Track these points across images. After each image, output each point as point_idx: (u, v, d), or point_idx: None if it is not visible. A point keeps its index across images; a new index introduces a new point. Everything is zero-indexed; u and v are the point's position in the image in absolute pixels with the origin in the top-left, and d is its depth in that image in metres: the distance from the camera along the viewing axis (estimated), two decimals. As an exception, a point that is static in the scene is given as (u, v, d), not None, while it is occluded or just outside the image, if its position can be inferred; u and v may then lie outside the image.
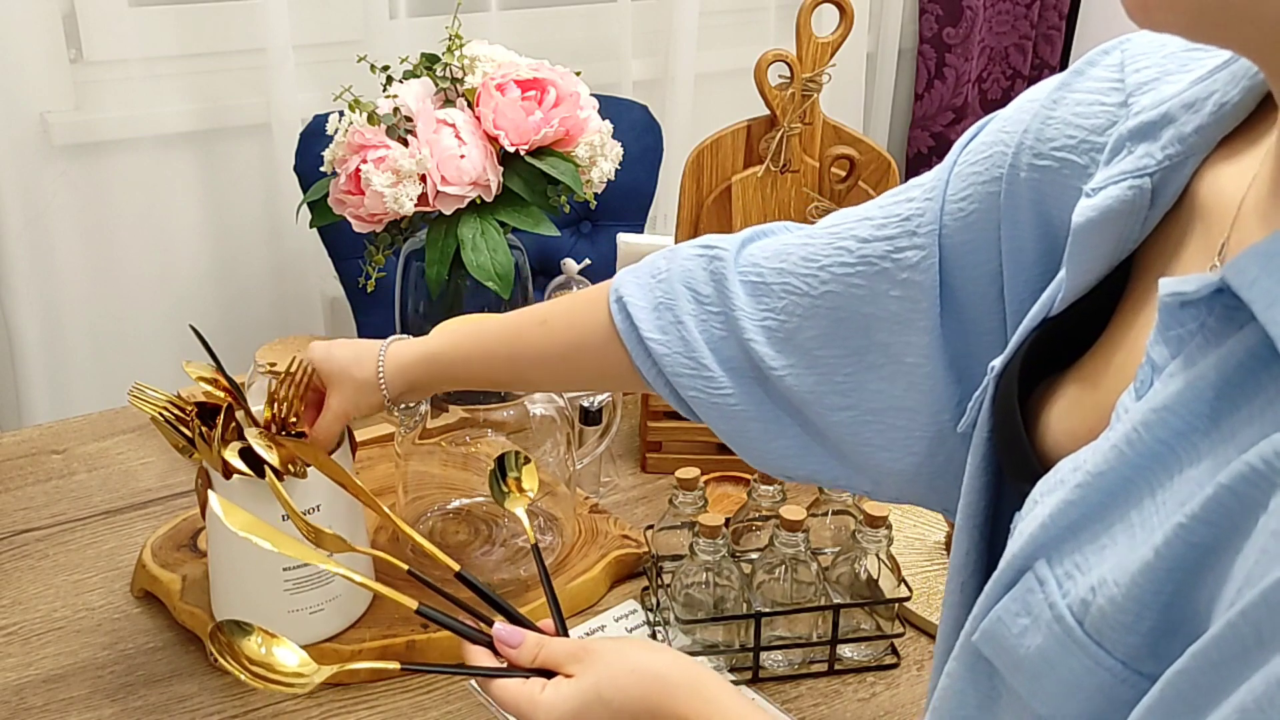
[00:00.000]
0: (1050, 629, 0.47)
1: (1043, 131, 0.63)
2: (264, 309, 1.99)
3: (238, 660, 0.71)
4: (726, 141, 1.17)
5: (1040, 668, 0.48)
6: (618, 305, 0.79)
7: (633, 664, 0.68)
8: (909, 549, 1.12)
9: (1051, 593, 0.48)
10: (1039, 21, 2.65)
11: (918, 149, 2.64)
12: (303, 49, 1.81)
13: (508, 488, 0.90)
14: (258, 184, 1.90)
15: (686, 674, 0.68)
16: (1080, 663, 0.46)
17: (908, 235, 0.70)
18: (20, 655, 0.97)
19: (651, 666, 0.68)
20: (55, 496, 1.18)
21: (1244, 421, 0.42)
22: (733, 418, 0.77)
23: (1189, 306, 0.45)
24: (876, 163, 1.17)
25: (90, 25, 1.73)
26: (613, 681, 0.67)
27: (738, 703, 0.67)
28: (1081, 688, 0.46)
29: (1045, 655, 0.48)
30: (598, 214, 1.78)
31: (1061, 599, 0.47)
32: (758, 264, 0.76)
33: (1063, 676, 0.47)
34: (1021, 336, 0.60)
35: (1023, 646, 0.49)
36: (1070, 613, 0.47)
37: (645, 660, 0.68)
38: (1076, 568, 0.47)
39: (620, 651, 0.69)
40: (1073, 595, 0.47)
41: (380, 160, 1.15)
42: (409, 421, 1.04)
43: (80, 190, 1.78)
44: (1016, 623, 0.49)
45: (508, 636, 0.72)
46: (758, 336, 0.75)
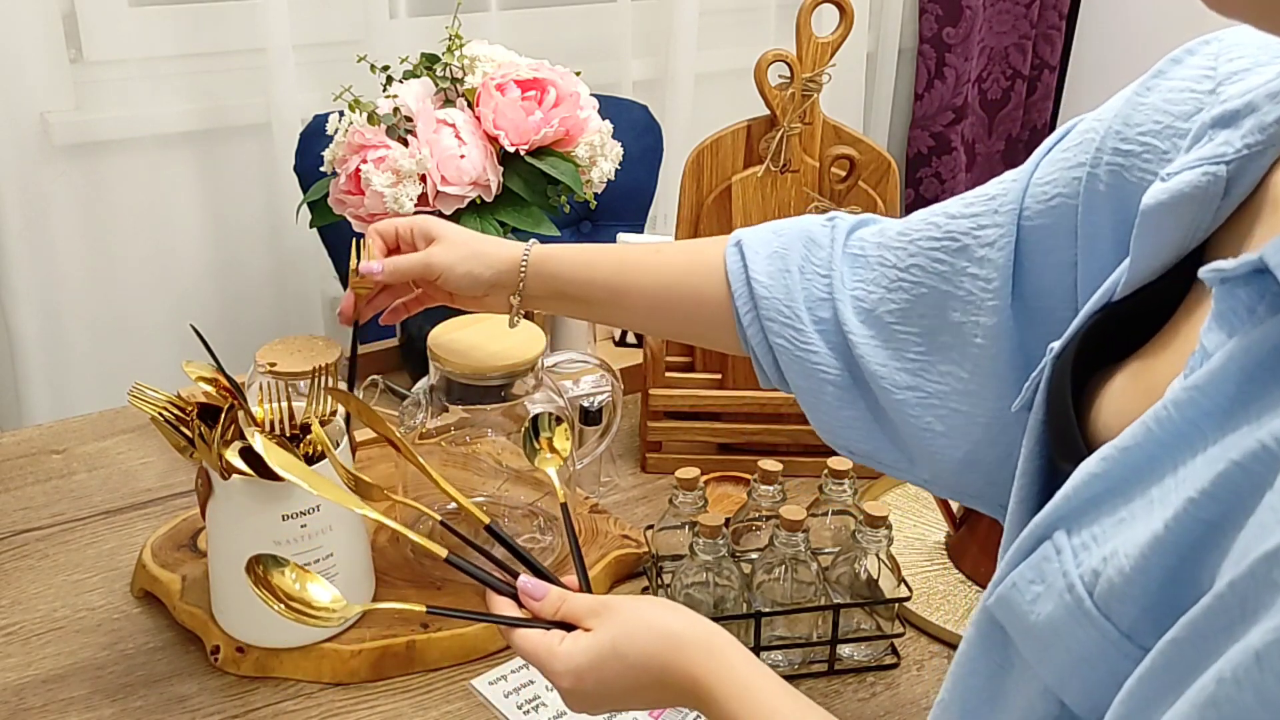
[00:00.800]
0: (1061, 598, 0.48)
1: (1131, 117, 0.63)
2: (264, 309, 1.99)
3: (272, 593, 0.74)
4: (726, 141, 1.17)
5: (1049, 636, 0.48)
6: (734, 246, 0.85)
7: (649, 621, 0.70)
8: (909, 549, 1.12)
9: (1066, 562, 0.48)
10: (1039, 21, 2.65)
11: (918, 149, 2.64)
12: (303, 49, 1.81)
13: (539, 446, 0.92)
14: (258, 184, 1.90)
15: (700, 633, 0.69)
16: (1087, 633, 0.47)
17: (990, 214, 0.72)
18: (20, 655, 0.97)
19: (666, 624, 0.70)
20: (55, 496, 1.18)
21: (1270, 405, 0.42)
22: (811, 375, 0.80)
23: (1231, 286, 0.45)
24: (876, 163, 1.17)
25: (90, 25, 1.73)
26: (628, 637, 0.70)
27: (748, 664, 0.68)
28: (1087, 659, 0.47)
29: (1054, 624, 0.48)
30: (598, 214, 1.78)
31: (1075, 568, 0.48)
32: (863, 239, 0.80)
33: (1070, 646, 0.47)
34: (1083, 320, 0.60)
35: (1034, 614, 0.49)
36: (1081, 582, 0.47)
37: (661, 618, 0.70)
38: (1094, 539, 0.48)
39: (638, 609, 0.71)
40: (1085, 565, 0.47)
41: (380, 160, 1.15)
42: (409, 421, 1.04)
43: (80, 190, 1.78)
44: (1030, 590, 0.50)
45: (532, 589, 0.75)
46: (847, 305, 0.78)
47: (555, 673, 0.71)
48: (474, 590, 1.01)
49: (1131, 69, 2.48)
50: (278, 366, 1.20)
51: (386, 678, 0.96)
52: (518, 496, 1.10)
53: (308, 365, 1.19)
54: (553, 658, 0.71)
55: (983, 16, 2.56)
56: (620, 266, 0.89)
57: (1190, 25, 2.63)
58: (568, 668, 0.70)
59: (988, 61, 2.64)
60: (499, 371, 0.98)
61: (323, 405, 0.94)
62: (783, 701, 0.67)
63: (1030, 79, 2.71)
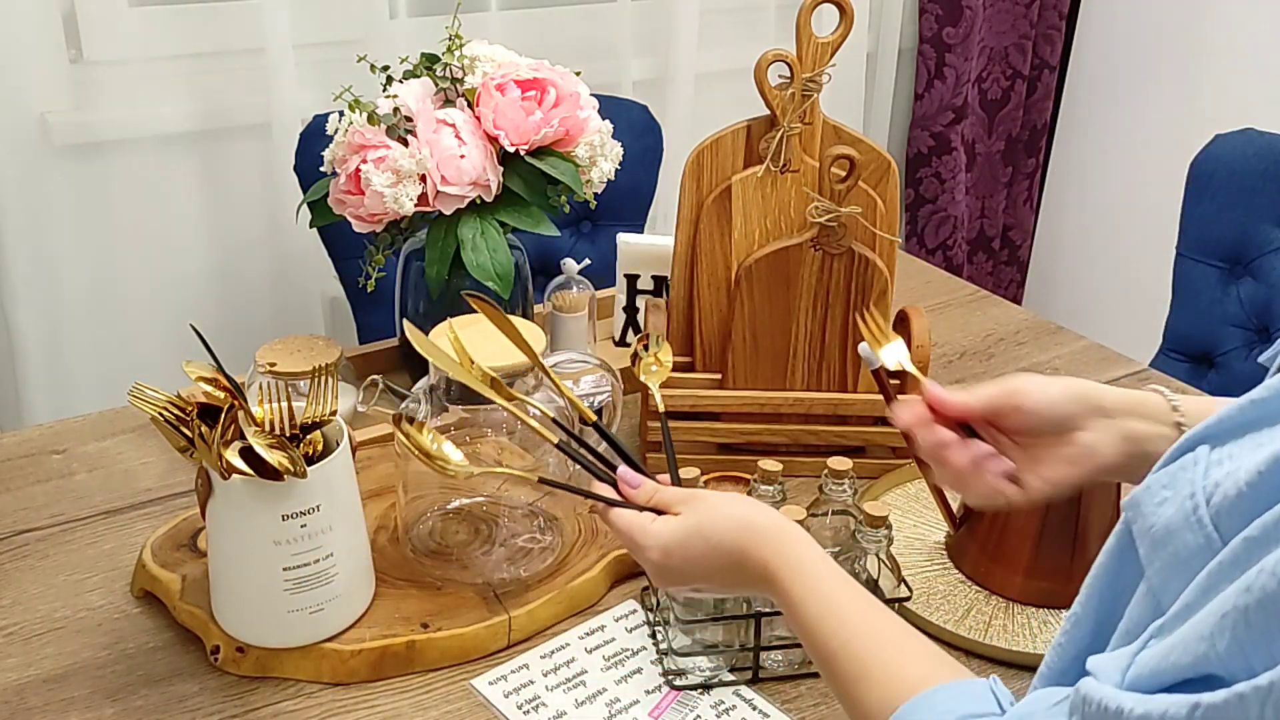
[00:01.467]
0: (1183, 504, 0.50)
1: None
2: (264, 309, 1.99)
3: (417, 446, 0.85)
4: (726, 141, 1.17)
5: (1164, 539, 0.51)
6: None
7: (731, 510, 0.78)
8: (909, 549, 1.12)
9: (1198, 473, 0.51)
10: (1039, 21, 2.65)
11: (918, 149, 2.64)
12: (303, 49, 1.81)
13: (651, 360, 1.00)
14: (258, 184, 1.90)
15: (776, 527, 0.76)
16: (1194, 539, 0.49)
17: None
18: (20, 655, 0.97)
19: (747, 514, 0.77)
20: (55, 496, 1.18)
21: None
22: None
23: None
24: (876, 163, 1.17)
25: (90, 25, 1.73)
26: (712, 522, 0.77)
27: (815, 556, 0.74)
28: (1189, 566, 0.49)
29: (1170, 528, 0.51)
30: (598, 214, 1.78)
31: (1203, 478, 0.50)
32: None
33: (1177, 549, 0.50)
34: None
35: (1156, 515, 0.52)
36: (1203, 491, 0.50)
37: (742, 509, 0.78)
38: (1229, 456, 0.50)
39: (723, 500, 0.79)
40: (1212, 478, 0.50)
41: (380, 160, 1.15)
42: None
43: (80, 190, 1.78)
44: (1161, 493, 0.52)
45: (630, 478, 0.84)
46: None
47: (645, 547, 0.79)
48: (473, 590, 1.01)
49: (1131, 69, 2.49)
50: (278, 366, 1.20)
51: (386, 678, 0.96)
52: (518, 496, 1.10)
53: (308, 365, 1.19)
54: (645, 534, 0.79)
55: (983, 16, 2.56)
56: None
57: (1190, 25, 2.64)
58: (658, 543, 0.78)
59: (988, 61, 2.64)
60: (499, 371, 0.98)
61: (323, 405, 0.94)
62: (841, 590, 0.72)
63: (1030, 79, 2.71)
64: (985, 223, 2.83)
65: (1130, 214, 2.60)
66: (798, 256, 1.16)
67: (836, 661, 0.69)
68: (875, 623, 0.70)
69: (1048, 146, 2.79)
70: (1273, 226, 1.61)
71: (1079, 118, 2.69)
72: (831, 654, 0.69)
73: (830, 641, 0.70)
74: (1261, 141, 1.62)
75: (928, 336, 1.21)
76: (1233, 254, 1.65)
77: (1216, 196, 1.64)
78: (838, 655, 0.69)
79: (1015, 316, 1.63)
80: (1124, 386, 1.42)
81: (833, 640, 0.70)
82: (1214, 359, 1.67)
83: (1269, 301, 1.61)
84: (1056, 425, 0.79)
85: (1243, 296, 1.64)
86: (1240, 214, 1.62)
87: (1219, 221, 1.64)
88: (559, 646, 1.00)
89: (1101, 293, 2.70)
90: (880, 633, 0.69)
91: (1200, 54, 2.40)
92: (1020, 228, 2.86)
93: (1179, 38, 2.43)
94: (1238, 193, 1.62)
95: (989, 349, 1.54)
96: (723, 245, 1.19)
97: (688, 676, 0.97)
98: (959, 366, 1.49)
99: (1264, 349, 0.63)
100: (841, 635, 0.70)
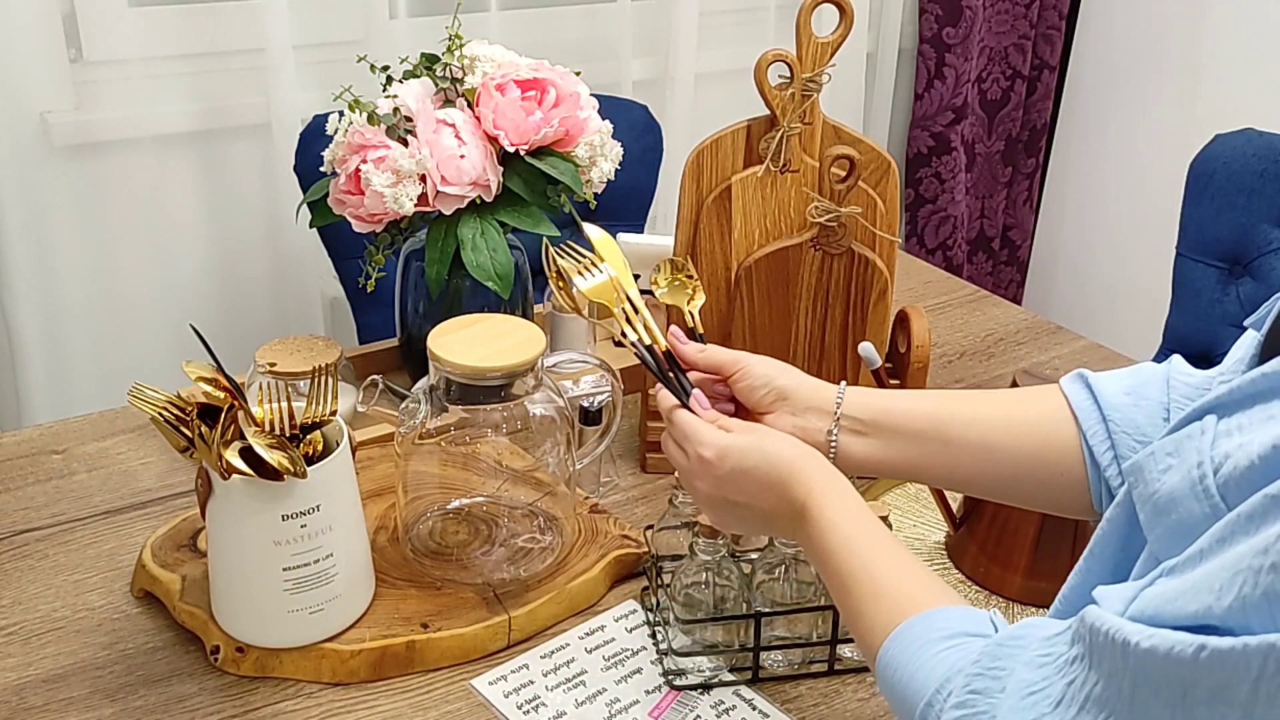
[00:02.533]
0: (1188, 474, 0.51)
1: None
2: (264, 309, 1.99)
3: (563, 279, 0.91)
4: (726, 141, 1.17)
5: (1166, 506, 0.52)
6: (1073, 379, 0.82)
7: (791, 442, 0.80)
8: (909, 549, 1.12)
9: (1205, 442, 0.52)
10: (1039, 21, 2.65)
11: (918, 149, 2.64)
12: (303, 49, 1.81)
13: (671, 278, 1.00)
14: (258, 184, 1.90)
15: (826, 469, 0.79)
16: (1199, 508, 0.50)
17: None
18: (20, 655, 0.97)
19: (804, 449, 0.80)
20: (55, 496, 1.18)
21: None
22: None
23: None
24: (876, 163, 1.17)
25: (90, 25, 1.73)
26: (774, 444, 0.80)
27: (856, 499, 0.76)
28: (1194, 533, 0.50)
29: (1174, 496, 0.52)
30: (598, 214, 1.77)
31: (1210, 449, 0.51)
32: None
33: (1181, 517, 0.51)
34: None
35: (1160, 482, 0.53)
36: (1211, 461, 0.50)
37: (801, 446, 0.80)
38: (1239, 428, 0.51)
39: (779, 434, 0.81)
40: (1220, 449, 0.51)
41: (380, 160, 1.15)
42: (409, 421, 1.04)
43: (80, 190, 1.78)
44: (1165, 460, 0.54)
45: (702, 400, 0.86)
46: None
47: (704, 443, 0.81)
48: (472, 591, 1.01)
49: (1131, 69, 2.49)
50: (278, 366, 1.20)
51: (386, 678, 0.96)
52: (518, 496, 1.10)
53: (308, 365, 1.19)
54: (706, 431, 0.81)
55: (983, 16, 2.56)
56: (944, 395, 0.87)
57: (1190, 25, 2.64)
58: (717, 443, 0.80)
59: (988, 61, 2.64)
60: (499, 371, 0.98)
61: (323, 405, 0.94)
62: (873, 527, 0.74)
63: (1030, 79, 2.71)
64: (985, 223, 2.83)
65: (1130, 214, 2.60)
66: (798, 256, 1.16)
67: (854, 580, 0.72)
68: (899, 556, 0.73)
69: (1048, 146, 2.79)
70: (1272, 226, 1.61)
71: (1079, 118, 2.69)
72: (851, 573, 0.72)
73: (852, 561, 0.73)
74: (1261, 141, 1.62)
75: (928, 336, 1.21)
76: (1232, 254, 1.65)
77: (1216, 196, 1.64)
78: (856, 575, 0.72)
79: (1015, 316, 1.63)
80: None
81: (854, 561, 0.73)
82: (1214, 359, 1.66)
83: (1269, 301, 1.61)
84: (753, 405, 0.88)
85: (1242, 296, 1.64)
86: (1240, 214, 1.62)
87: (1219, 221, 1.64)
88: (559, 646, 1.00)
89: (1101, 293, 2.70)
90: (902, 564, 0.72)
91: (1200, 54, 2.40)
92: (1020, 228, 2.86)
93: (1179, 38, 2.43)
94: (1237, 193, 1.62)
95: (989, 349, 1.54)
96: (723, 245, 1.19)
97: (688, 676, 0.97)
98: (959, 366, 1.49)
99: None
100: (864, 557, 0.73)
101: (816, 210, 1.14)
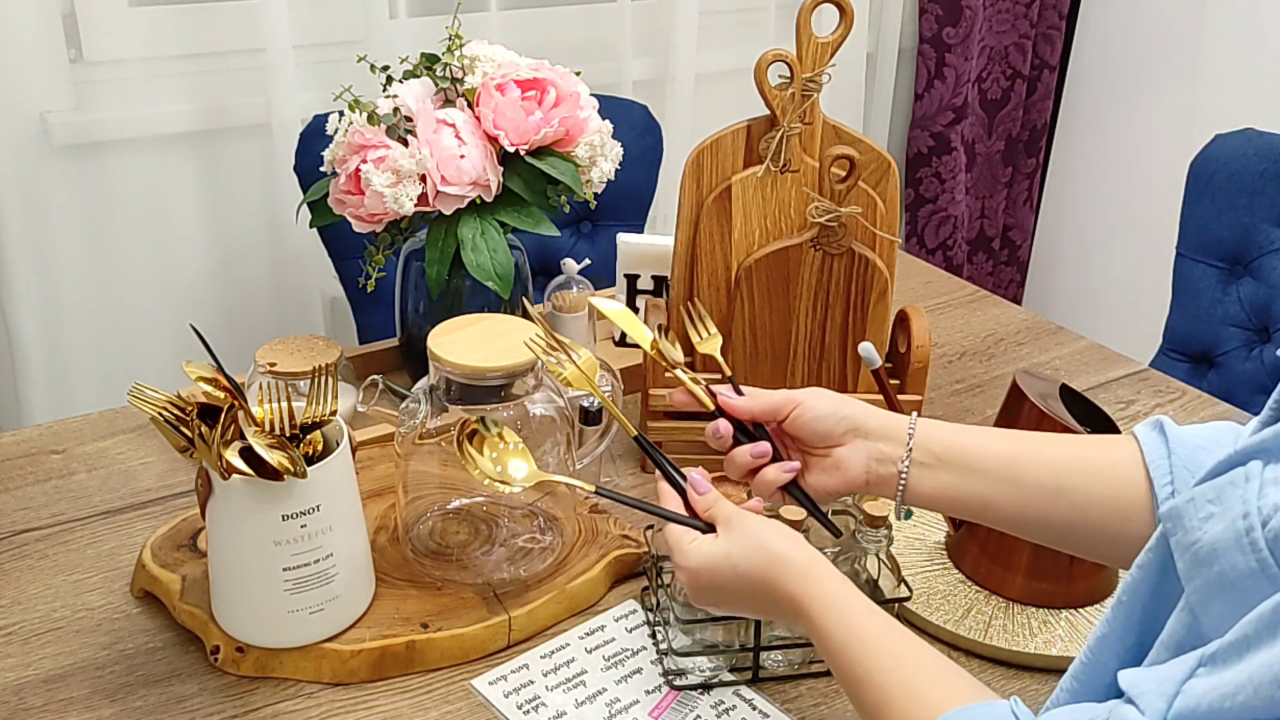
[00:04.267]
0: (1233, 524, 0.48)
1: None
2: (264, 309, 1.99)
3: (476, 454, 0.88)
4: (726, 141, 1.17)
5: (1208, 557, 0.49)
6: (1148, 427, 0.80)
7: (762, 540, 0.78)
8: (909, 549, 1.12)
9: (1251, 491, 0.48)
10: (1039, 21, 2.65)
11: (918, 149, 2.64)
12: (303, 49, 1.81)
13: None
14: (258, 184, 1.90)
15: (804, 558, 0.77)
16: (1245, 562, 0.47)
17: None
18: (20, 655, 0.97)
19: (777, 546, 0.78)
20: (55, 496, 1.18)
21: None
22: None
23: None
24: (876, 163, 1.17)
25: (90, 25, 1.73)
26: (743, 551, 0.79)
27: (843, 590, 0.75)
28: (1238, 589, 0.47)
29: (1217, 547, 0.48)
30: (598, 214, 1.78)
31: (1257, 499, 0.48)
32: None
33: (1223, 571, 0.48)
34: None
35: (1201, 531, 0.50)
36: (1259, 512, 0.47)
37: (774, 540, 0.78)
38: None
39: (758, 529, 0.79)
40: (1269, 499, 0.47)
41: (380, 160, 1.15)
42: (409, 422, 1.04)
43: (80, 190, 1.78)
44: (1206, 508, 0.50)
45: (698, 484, 0.85)
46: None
47: (678, 565, 0.81)
48: (472, 591, 1.01)
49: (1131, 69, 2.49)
50: (278, 366, 1.20)
51: (386, 678, 0.96)
52: (518, 496, 1.10)
53: (308, 365, 1.19)
54: (681, 553, 0.81)
55: (983, 16, 2.56)
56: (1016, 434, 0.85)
57: (1190, 25, 2.64)
58: (688, 564, 0.80)
59: (988, 61, 2.64)
60: (499, 371, 0.98)
61: (323, 405, 0.94)
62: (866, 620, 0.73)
63: (1030, 79, 2.71)
64: (985, 223, 2.83)
65: (1130, 214, 2.60)
66: (798, 256, 1.16)
67: (862, 688, 0.70)
68: (898, 649, 0.71)
69: (1048, 146, 2.79)
70: (1273, 226, 1.61)
71: (1079, 118, 2.69)
72: (857, 680, 0.71)
73: (855, 669, 0.71)
74: (1261, 141, 1.62)
75: (928, 336, 1.21)
76: (1233, 254, 1.65)
77: (1216, 196, 1.64)
78: (863, 682, 0.70)
79: (1015, 316, 1.63)
80: (1124, 386, 1.44)
81: (857, 668, 0.71)
82: (1214, 359, 1.67)
83: (1269, 301, 1.61)
84: (821, 438, 0.87)
85: (1243, 296, 1.64)
86: (1240, 214, 1.62)
87: (1219, 221, 1.64)
88: (559, 646, 1.00)
89: (1101, 293, 2.70)
90: (903, 658, 0.70)
91: (1200, 54, 2.40)
92: (1020, 228, 2.86)
93: (1179, 38, 2.43)
94: (1238, 193, 1.62)
95: (989, 349, 1.54)
96: (723, 245, 1.19)
97: (688, 676, 0.97)
98: (959, 366, 1.49)
99: (1264, 349, 0.62)
100: (865, 663, 0.71)
101: (816, 210, 1.14)
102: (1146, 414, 1.38)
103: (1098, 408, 1.06)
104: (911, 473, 0.84)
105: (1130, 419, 1.37)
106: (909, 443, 0.84)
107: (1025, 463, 0.82)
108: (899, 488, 0.84)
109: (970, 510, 0.84)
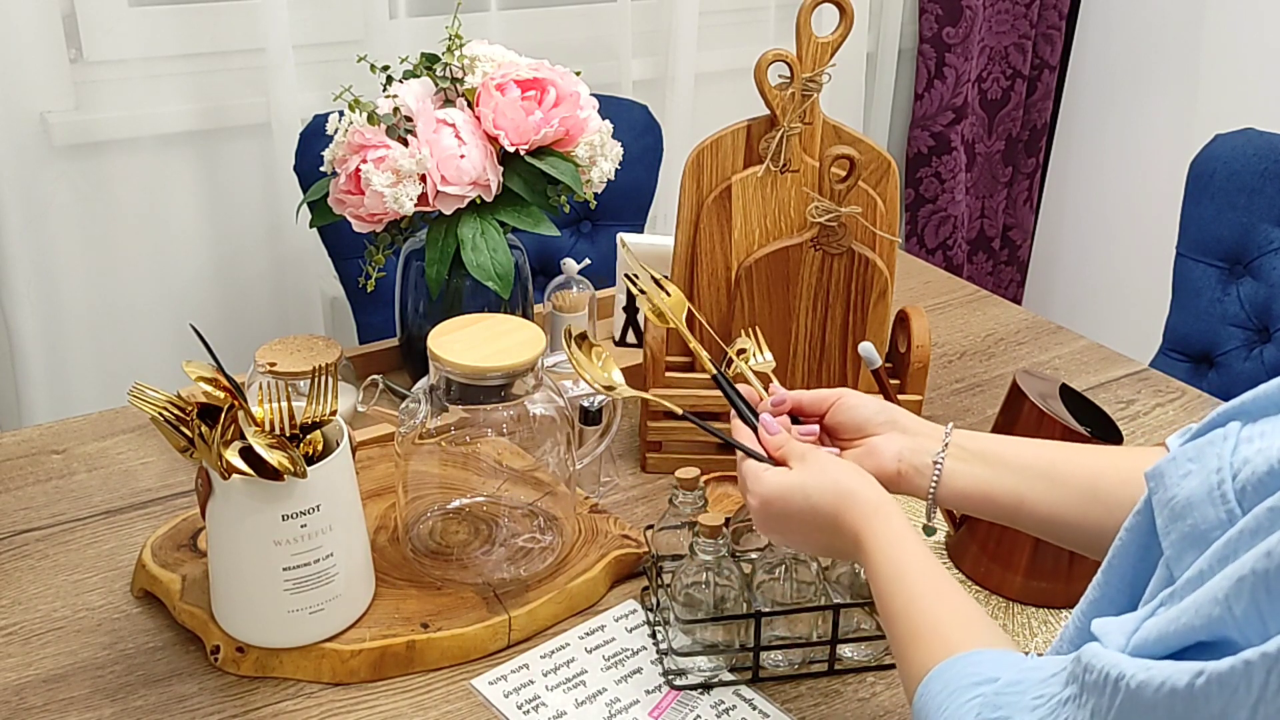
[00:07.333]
0: (1208, 478, 0.50)
1: None
2: (264, 309, 1.99)
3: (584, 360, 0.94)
4: (726, 141, 1.17)
5: (1183, 509, 0.51)
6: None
7: (835, 476, 0.82)
8: (951, 579, 1.11)
9: (1227, 448, 0.50)
10: (1039, 21, 2.65)
11: (918, 149, 2.64)
12: (303, 49, 1.81)
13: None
14: (258, 184, 1.90)
15: (874, 497, 0.80)
16: (1215, 513, 0.49)
17: None
18: (20, 655, 0.97)
19: (849, 482, 0.81)
20: (55, 496, 1.18)
21: None
22: None
23: None
24: (876, 162, 1.17)
25: (90, 25, 1.73)
26: (817, 483, 0.82)
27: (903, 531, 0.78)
28: (1206, 539, 0.49)
29: (1191, 499, 0.50)
30: (598, 214, 1.78)
31: (1231, 454, 0.50)
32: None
33: (1195, 522, 0.50)
34: None
35: (1179, 487, 0.52)
36: (1230, 466, 0.49)
37: (847, 477, 0.82)
38: (1261, 434, 0.50)
39: (832, 465, 0.83)
40: (1241, 454, 0.49)
41: (380, 160, 1.15)
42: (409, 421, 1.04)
43: (80, 190, 1.78)
44: (1186, 465, 0.52)
45: (770, 425, 0.88)
46: None
47: (751, 492, 0.84)
48: (472, 591, 1.01)
49: (1131, 69, 2.49)
50: (278, 366, 1.21)
51: (386, 678, 0.96)
52: (518, 496, 1.10)
53: (308, 365, 1.19)
54: (757, 480, 0.84)
55: (983, 16, 2.56)
56: (1051, 442, 0.87)
57: (1190, 25, 2.65)
58: (762, 489, 0.83)
59: (988, 61, 2.64)
60: (499, 371, 0.98)
61: (323, 405, 0.94)
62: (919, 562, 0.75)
63: (1030, 79, 2.71)
64: (985, 223, 2.83)
65: (1130, 214, 2.60)
66: (798, 256, 1.16)
67: (898, 621, 0.73)
68: (940, 591, 0.73)
69: (1048, 146, 2.79)
70: (1273, 226, 1.61)
71: (1079, 118, 2.69)
72: (895, 614, 0.74)
73: (896, 601, 0.74)
74: (1261, 141, 1.62)
75: (928, 336, 1.21)
76: (1232, 254, 1.65)
77: (1216, 196, 1.64)
78: (900, 615, 0.73)
79: (1015, 316, 1.63)
80: (1124, 386, 1.44)
81: (898, 600, 0.74)
82: (1214, 359, 1.67)
83: (1269, 301, 1.61)
84: (859, 426, 0.89)
85: (1243, 296, 1.64)
86: (1240, 214, 1.62)
87: (1219, 221, 1.64)
88: (559, 646, 1.00)
89: (1101, 293, 2.70)
90: (941, 599, 0.73)
91: (1200, 54, 2.40)
92: (1020, 228, 2.86)
93: (1179, 38, 2.43)
94: (1237, 193, 1.62)
95: (989, 349, 1.54)
96: (723, 245, 1.19)
97: (688, 676, 0.97)
98: (959, 366, 1.49)
99: (1264, 348, 0.63)
100: (906, 596, 0.74)
101: (816, 210, 1.14)
102: (1146, 414, 1.38)
103: (1098, 407, 1.06)
104: (947, 466, 0.85)
105: (1130, 419, 1.37)
106: (945, 438, 0.86)
107: (1061, 465, 0.83)
108: (933, 479, 0.85)
109: (1004, 509, 0.84)
